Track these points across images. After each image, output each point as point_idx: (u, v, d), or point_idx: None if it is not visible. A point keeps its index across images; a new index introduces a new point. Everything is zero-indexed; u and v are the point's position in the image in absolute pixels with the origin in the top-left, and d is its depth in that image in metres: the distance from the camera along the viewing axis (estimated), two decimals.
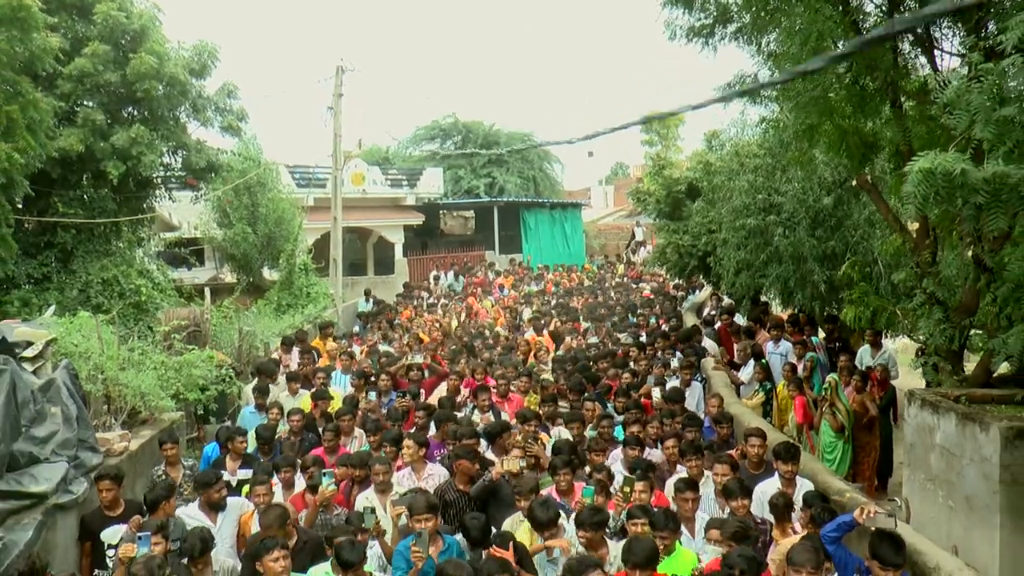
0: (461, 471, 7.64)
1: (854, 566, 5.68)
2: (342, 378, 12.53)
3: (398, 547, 6.48)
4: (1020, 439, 6.13)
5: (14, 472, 6.69)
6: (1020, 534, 6.15)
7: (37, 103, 12.54)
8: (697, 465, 7.98)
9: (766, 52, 10.36)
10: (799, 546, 5.58)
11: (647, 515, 6.37)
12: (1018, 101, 4.88)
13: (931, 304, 7.91)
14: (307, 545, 6.66)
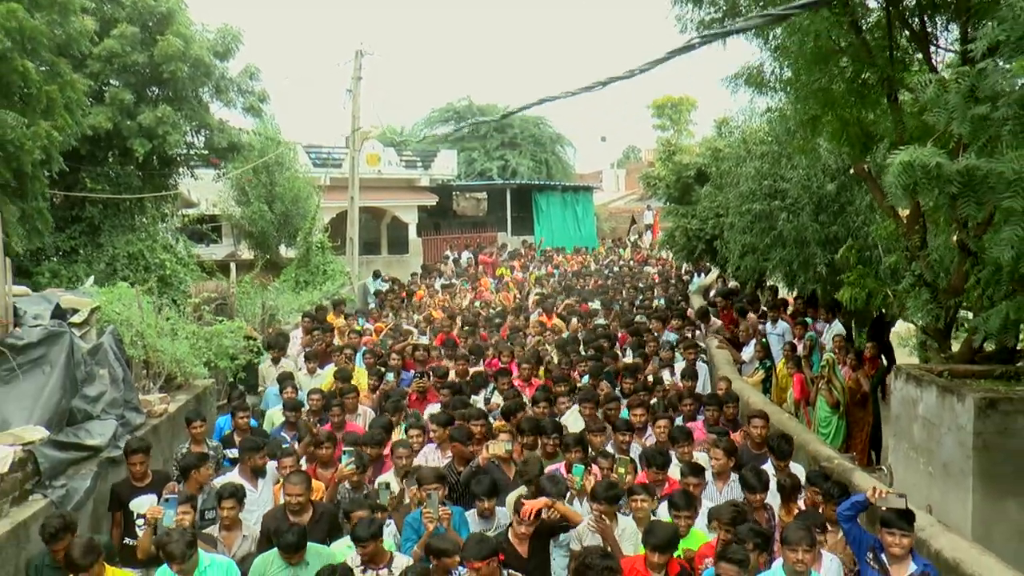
0: (456, 453, 7.76)
1: (868, 544, 5.80)
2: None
3: (407, 519, 6.63)
4: (992, 408, 6.68)
5: (72, 426, 7.31)
6: (990, 497, 6.71)
7: (74, 84, 13.09)
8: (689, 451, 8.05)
9: (773, 44, 10.87)
10: (793, 524, 5.78)
11: (648, 492, 6.58)
12: (989, 101, 5.38)
13: (919, 286, 8.44)
14: (323, 517, 6.76)
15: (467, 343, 13.80)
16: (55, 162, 13.33)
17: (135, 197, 17.86)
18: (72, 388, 7.44)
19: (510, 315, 16.85)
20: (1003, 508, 6.71)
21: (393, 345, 12.97)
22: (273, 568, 5.89)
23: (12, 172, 11.99)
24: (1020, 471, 6.67)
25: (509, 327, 15.60)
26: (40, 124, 12.07)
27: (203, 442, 8.49)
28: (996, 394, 6.78)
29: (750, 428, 8.41)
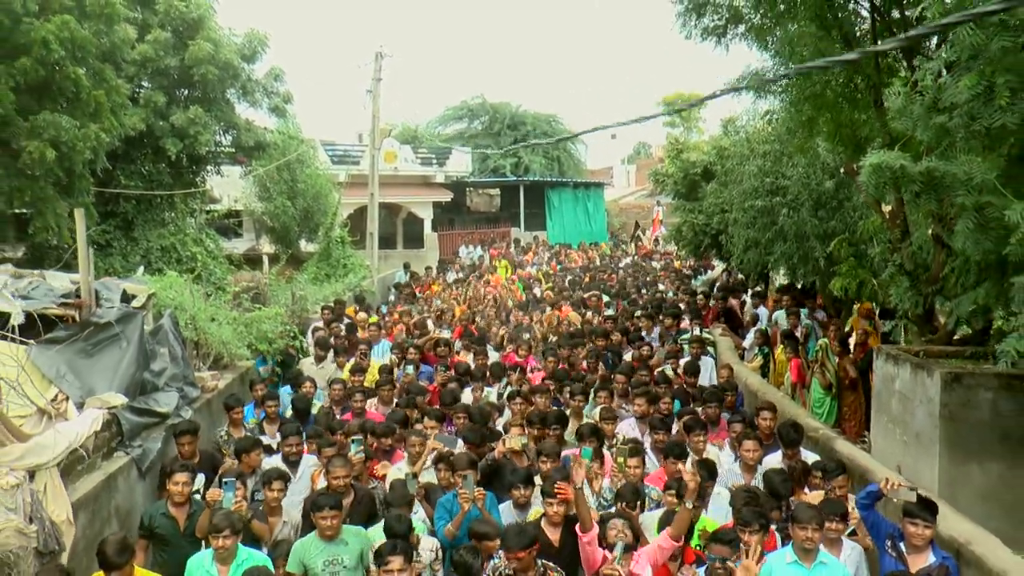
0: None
1: (887, 532, 5.98)
2: (385, 346, 13.09)
3: (440, 500, 6.85)
4: (957, 383, 7.52)
5: (143, 396, 8.24)
6: (955, 462, 7.55)
7: (118, 88, 14.01)
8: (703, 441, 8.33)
9: (773, 50, 11.64)
10: (803, 504, 6.07)
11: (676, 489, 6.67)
12: (947, 112, 6.22)
13: (900, 275, 9.26)
14: (363, 501, 7.05)
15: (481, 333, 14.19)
16: (99, 161, 14.27)
17: (167, 193, 18.76)
18: (144, 362, 8.40)
19: (515, 310, 17.16)
20: (967, 471, 7.53)
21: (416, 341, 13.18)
22: (312, 549, 6.12)
23: (64, 170, 12.94)
24: (981, 439, 7.49)
25: (515, 322, 15.88)
26: (90, 126, 12.99)
27: (242, 426, 8.89)
28: (961, 370, 7.59)
29: (759, 420, 8.68)
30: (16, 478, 5.53)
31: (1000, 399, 7.39)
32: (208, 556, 5.93)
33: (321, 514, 6.06)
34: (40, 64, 12.23)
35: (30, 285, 8.78)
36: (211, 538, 5.86)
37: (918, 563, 5.66)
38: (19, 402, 6.38)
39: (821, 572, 5.68)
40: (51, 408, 6.57)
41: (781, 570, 5.74)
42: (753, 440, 7.86)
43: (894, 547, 5.85)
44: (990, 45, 5.52)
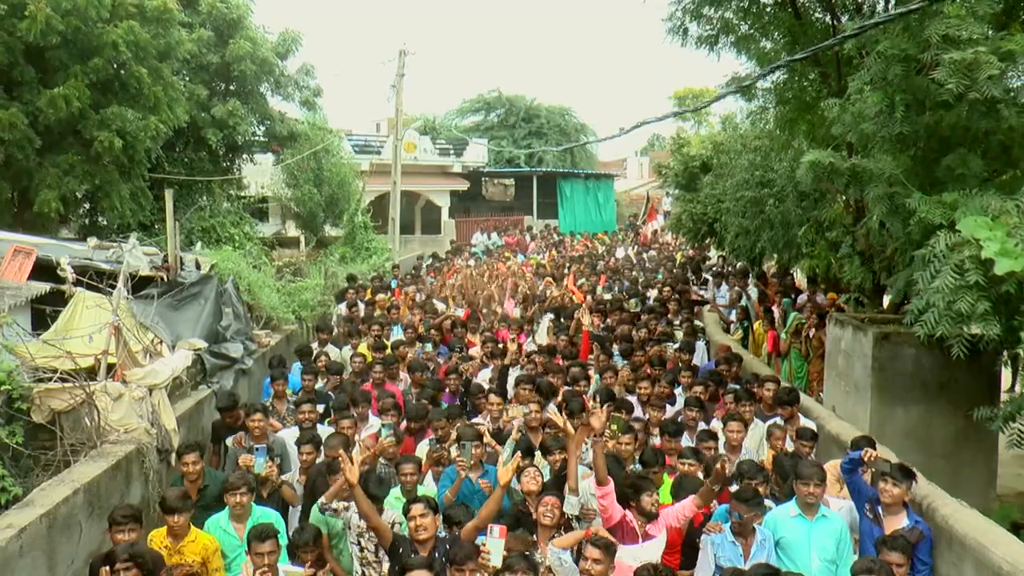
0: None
1: (867, 496, 6.39)
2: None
3: (445, 470, 7.27)
4: (885, 340, 9.14)
5: (216, 344, 9.97)
6: (884, 405, 9.17)
7: (174, 85, 15.73)
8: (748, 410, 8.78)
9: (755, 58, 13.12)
10: (806, 462, 6.54)
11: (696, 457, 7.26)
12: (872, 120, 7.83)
13: (853, 255, 10.87)
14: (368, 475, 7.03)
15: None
16: (155, 149, 15.98)
17: (206, 179, 20.47)
18: (217, 317, 10.13)
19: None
20: (892, 413, 9.14)
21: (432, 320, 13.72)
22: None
23: (127, 157, 14.65)
24: (905, 386, 9.09)
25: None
26: (150, 118, 14.70)
27: (284, 396, 9.41)
28: (889, 330, 9.21)
29: (763, 391, 9.33)
30: (141, 392, 7.25)
31: (921, 354, 8.96)
32: (224, 515, 6.38)
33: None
34: (109, 64, 13.94)
35: (114, 254, 10.48)
36: (227, 496, 6.31)
37: (893, 524, 6.09)
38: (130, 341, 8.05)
39: (822, 524, 6.15)
40: (152, 347, 8.26)
41: (785, 522, 6.21)
42: (737, 422, 8.16)
43: (872, 510, 6.27)
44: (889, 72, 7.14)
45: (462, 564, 5.22)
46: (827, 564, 6.03)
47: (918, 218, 7.45)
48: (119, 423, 7.05)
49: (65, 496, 5.95)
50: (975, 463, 9.14)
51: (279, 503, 7.12)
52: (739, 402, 9.05)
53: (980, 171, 7.57)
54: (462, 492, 6.98)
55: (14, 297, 7.75)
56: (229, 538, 6.27)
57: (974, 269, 6.71)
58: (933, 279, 7.03)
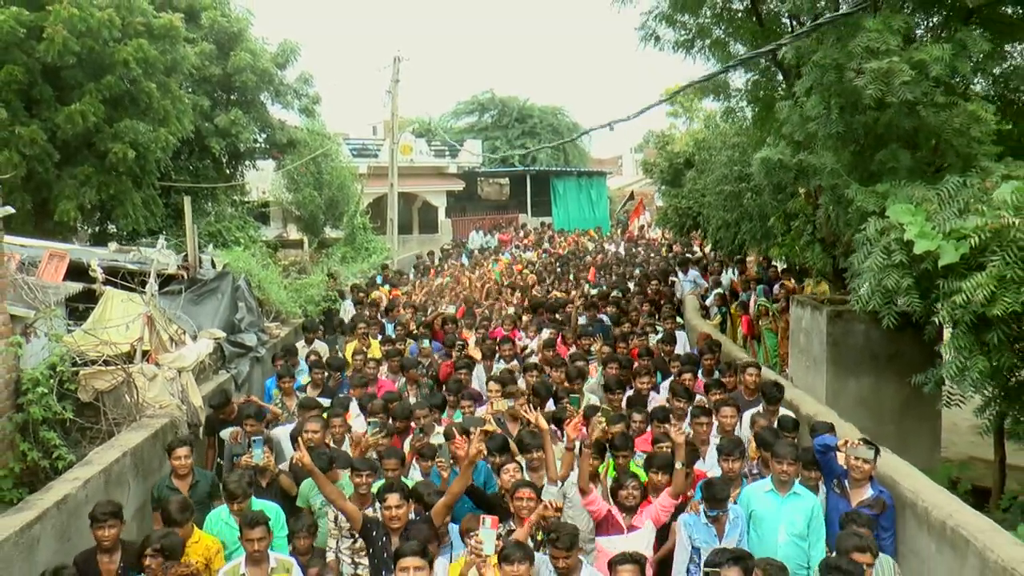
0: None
1: (836, 473, 6.70)
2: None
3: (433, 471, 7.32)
4: (838, 318, 10.11)
5: (233, 334, 10.94)
6: (838, 377, 10.15)
7: (181, 98, 16.68)
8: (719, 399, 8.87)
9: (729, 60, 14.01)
10: (781, 442, 6.87)
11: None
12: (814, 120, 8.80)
13: (814, 242, 11.85)
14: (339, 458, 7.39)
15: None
16: (163, 160, 16.94)
17: (212, 187, 21.42)
18: (233, 309, 11.13)
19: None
20: (846, 384, 10.12)
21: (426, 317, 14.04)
22: (314, 491, 7.04)
23: (140, 168, 15.62)
24: (857, 359, 10.07)
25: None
26: (160, 130, 15.66)
27: (292, 394, 9.62)
28: (842, 308, 10.18)
29: (745, 377, 9.50)
30: (172, 374, 8.23)
31: (870, 329, 9.90)
32: (225, 510, 6.62)
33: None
34: (121, 80, 14.90)
35: (135, 256, 11.46)
36: (228, 504, 6.52)
37: (859, 496, 6.44)
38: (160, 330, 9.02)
39: (794, 501, 6.42)
40: (177, 337, 9.22)
41: (759, 498, 6.52)
42: (731, 407, 8.39)
43: (839, 485, 6.63)
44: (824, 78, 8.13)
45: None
46: (794, 539, 6.29)
47: (855, 206, 8.43)
48: (154, 400, 8.06)
49: (116, 458, 6.97)
50: (921, 428, 10.10)
51: (278, 494, 7.29)
52: (708, 392, 9.31)
53: (909, 164, 8.54)
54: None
55: (56, 295, 8.72)
56: (231, 531, 6.40)
57: (899, 250, 7.68)
58: (866, 259, 8.01)
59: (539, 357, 11.37)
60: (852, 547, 5.25)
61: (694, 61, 13.91)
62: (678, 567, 6.33)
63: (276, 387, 10.01)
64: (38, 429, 7.46)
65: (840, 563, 5.01)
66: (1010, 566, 5.04)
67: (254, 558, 5.75)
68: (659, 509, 6.52)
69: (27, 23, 13.54)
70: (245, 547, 5.78)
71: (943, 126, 8.12)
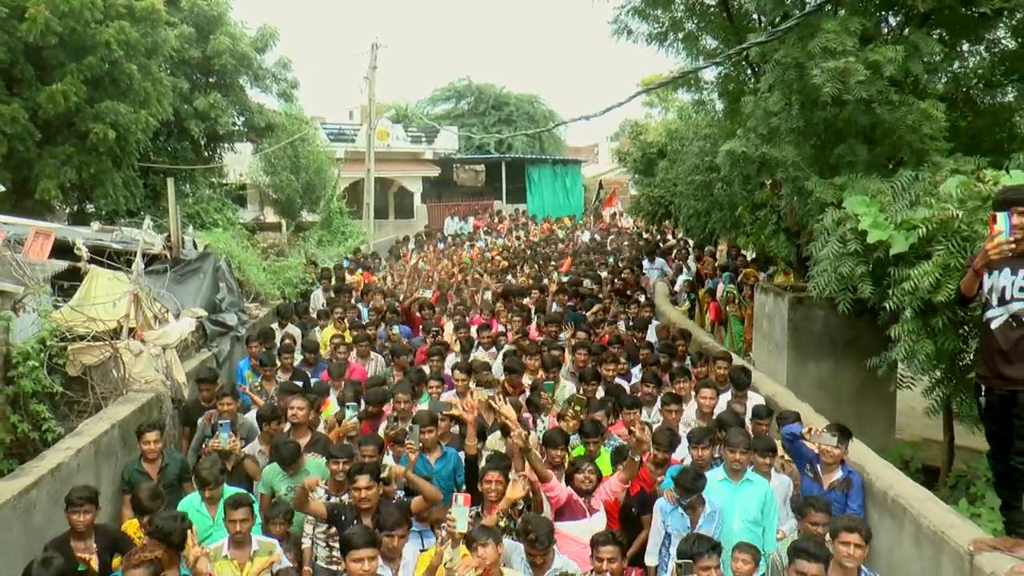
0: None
1: (807, 458, 6.83)
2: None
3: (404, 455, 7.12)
4: (799, 304, 10.56)
5: (215, 313, 11.23)
6: (798, 361, 10.61)
7: (161, 80, 16.87)
8: (684, 387, 8.98)
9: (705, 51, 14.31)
10: (734, 430, 6.86)
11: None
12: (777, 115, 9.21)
13: (778, 231, 12.30)
14: (317, 444, 7.54)
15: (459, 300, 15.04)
16: (144, 141, 17.12)
17: (190, 168, 21.56)
18: (214, 289, 11.41)
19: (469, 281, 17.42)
20: (806, 367, 10.58)
21: (401, 303, 13.97)
22: (277, 476, 7.01)
23: (120, 148, 15.79)
24: (816, 343, 10.53)
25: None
26: (140, 112, 15.85)
27: (273, 379, 9.63)
28: (803, 295, 10.61)
29: (716, 369, 9.50)
30: (156, 350, 8.52)
31: (829, 315, 10.33)
32: (197, 497, 6.57)
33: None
34: (102, 61, 15.05)
35: (117, 235, 11.69)
36: (200, 491, 6.51)
37: (830, 479, 6.60)
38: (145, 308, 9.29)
39: (747, 488, 6.53)
40: (160, 314, 9.49)
41: (713, 486, 6.50)
42: (711, 388, 8.50)
43: (811, 469, 6.74)
44: (785, 76, 8.54)
45: (392, 529, 5.49)
46: (750, 525, 6.39)
47: (815, 198, 8.86)
48: (140, 375, 8.34)
49: (105, 429, 7.27)
50: (876, 411, 10.58)
51: (243, 478, 7.26)
52: (674, 380, 9.24)
53: (866, 158, 8.99)
54: (419, 474, 6.91)
55: (43, 272, 8.97)
56: (203, 518, 6.38)
57: (854, 239, 8.14)
58: (823, 248, 8.44)
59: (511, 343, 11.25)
60: (842, 527, 5.17)
61: (667, 54, 14.28)
62: (651, 548, 6.48)
63: (249, 369, 10.14)
64: (28, 402, 7.73)
65: (807, 545, 5.03)
66: (940, 530, 5.49)
67: (236, 540, 5.76)
68: (610, 491, 6.56)
69: (9, 3, 13.70)
70: (228, 528, 5.80)
71: (897, 123, 8.55)
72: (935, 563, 5.53)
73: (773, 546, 6.26)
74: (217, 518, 6.29)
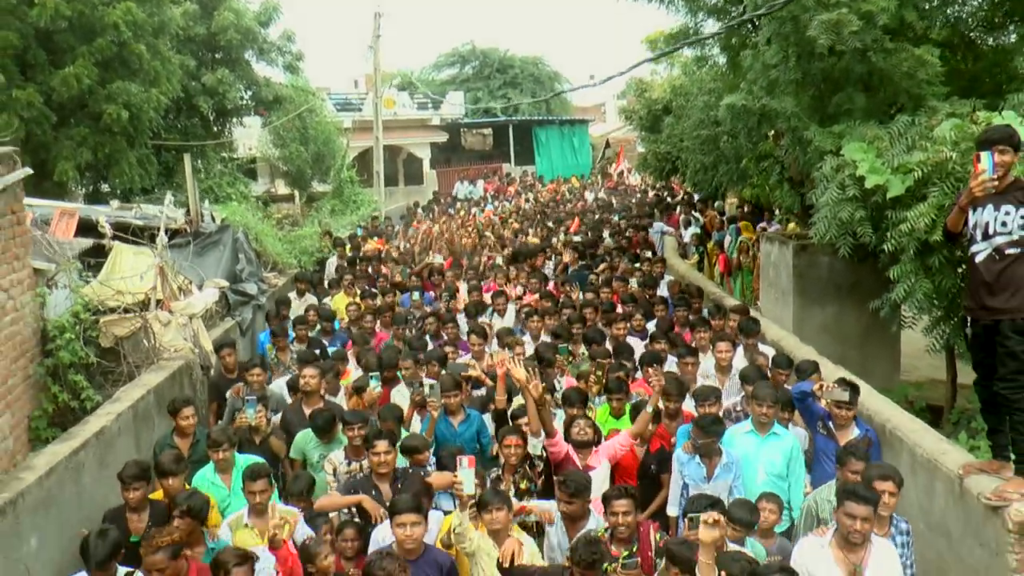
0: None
1: (819, 415, 6.75)
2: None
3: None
4: (803, 251, 10.84)
5: (235, 283, 11.59)
6: (803, 306, 10.91)
7: (170, 59, 17.10)
8: (705, 337, 9.21)
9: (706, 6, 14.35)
10: (761, 384, 6.88)
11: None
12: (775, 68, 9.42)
13: (782, 181, 12.52)
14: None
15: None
16: (155, 120, 17.40)
17: (200, 144, 21.84)
18: (234, 260, 11.79)
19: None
20: (811, 312, 10.88)
21: (413, 268, 14.45)
22: (311, 443, 7.19)
23: (134, 128, 16.08)
24: (821, 289, 10.83)
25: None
26: (151, 91, 16.10)
27: (286, 348, 9.97)
28: (806, 242, 10.87)
29: (730, 321, 9.72)
30: (183, 320, 8.89)
31: (833, 261, 10.60)
32: (210, 468, 6.64)
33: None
34: (112, 43, 15.28)
35: (136, 212, 12.03)
36: (210, 452, 6.59)
37: (845, 437, 6.52)
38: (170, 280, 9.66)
39: (773, 441, 6.58)
40: (185, 286, 9.85)
41: (740, 438, 6.67)
42: (726, 342, 8.55)
43: (824, 427, 6.69)
44: (782, 29, 8.74)
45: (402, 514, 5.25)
46: (774, 478, 6.44)
47: (814, 146, 9.10)
48: (170, 344, 8.74)
49: (141, 395, 7.67)
50: (881, 353, 10.89)
51: (268, 452, 7.24)
52: (694, 330, 9.51)
53: (864, 106, 9.20)
54: (444, 437, 7.20)
55: (71, 250, 9.33)
56: (217, 489, 6.45)
57: (852, 185, 8.39)
58: (823, 195, 8.69)
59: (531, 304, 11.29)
60: (876, 475, 5.15)
61: (667, 11, 14.35)
62: (672, 499, 6.55)
63: (270, 342, 10.28)
64: (66, 373, 8.12)
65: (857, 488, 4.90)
66: (933, 457, 5.83)
67: (257, 510, 5.81)
68: (618, 447, 6.65)
69: None
70: (248, 499, 5.85)
71: (893, 70, 8.76)
72: (930, 488, 5.87)
73: (800, 499, 6.28)
74: (233, 487, 6.40)
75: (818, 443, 6.78)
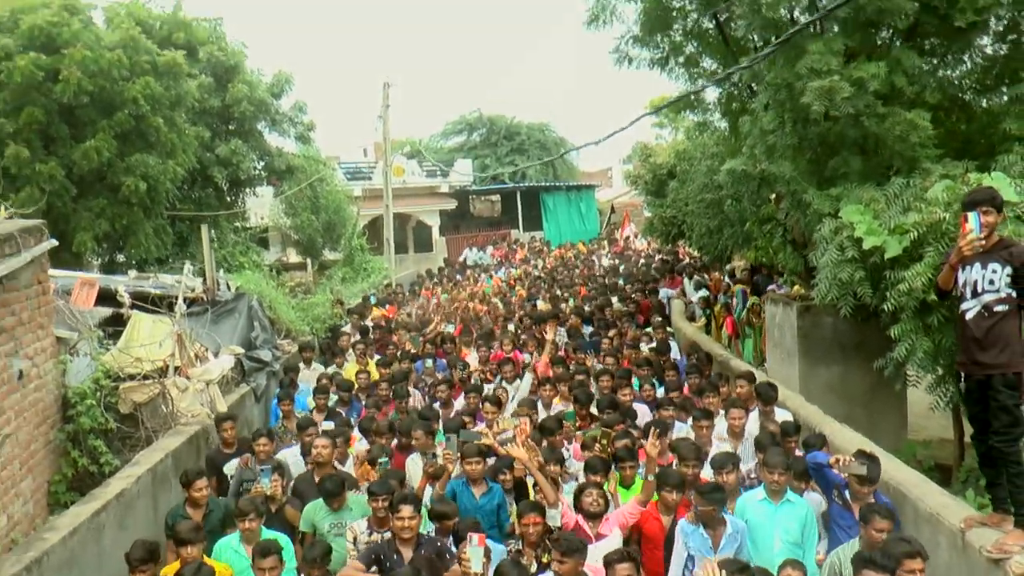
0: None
1: (835, 483, 6.52)
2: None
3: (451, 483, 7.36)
4: (807, 312, 11.01)
5: (250, 350, 11.83)
6: (808, 365, 11.04)
7: (186, 131, 17.61)
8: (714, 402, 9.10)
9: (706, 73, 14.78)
10: (772, 450, 6.79)
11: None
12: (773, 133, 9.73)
13: (786, 244, 12.76)
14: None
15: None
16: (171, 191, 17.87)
17: (214, 214, 22.26)
18: (249, 327, 12.04)
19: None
20: (815, 372, 11.02)
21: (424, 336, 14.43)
22: (320, 512, 7.09)
23: (151, 199, 16.50)
24: (825, 349, 10.97)
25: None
26: (168, 163, 16.57)
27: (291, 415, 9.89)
28: (810, 303, 11.05)
29: (738, 389, 9.50)
30: (200, 386, 9.11)
31: (836, 322, 10.77)
32: (235, 538, 6.65)
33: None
34: (131, 116, 15.79)
35: (154, 282, 12.33)
36: (238, 521, 6.59)
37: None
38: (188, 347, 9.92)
39: (787, 508, 6.48)
40: (201, 353, 10.10)
41: (753, 506, 6.58)
42: (739, 408, 8.46)
43: (840, 496, 6.49)
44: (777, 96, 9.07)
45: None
46: (791, 546, 6.30)
47: (813, 209, 9.35)
48: (187, 409, 8.96)
49: (160, 459, 7.87)
50: (888, 411, 10.98)
51: (285, 524, 7.25)
52: (703, 395, 9.41)
53: (860, 168, 9.47)
54: (464, 507, 7.07)
55: (92, 319, 9.61)
56: (240, 559, 6.46)
57: (851, 246, 8.62)
58: (823, 256, 8.92)
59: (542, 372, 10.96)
60: (901, 554, 4.87)
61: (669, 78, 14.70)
62: (674, 570, 6.34)
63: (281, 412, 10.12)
64: (86, 438, 8.34)
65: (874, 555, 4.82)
66: (935, 511, 5.95)
67: None
68: (627, 514, 6.60)
69: (44, 67, 14.46)
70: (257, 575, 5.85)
71: (886, 134, 9.05)
72: (933, 542, 5.96)
73: (813, 568, 6.13)
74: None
75: (832, 512, 6.64)
